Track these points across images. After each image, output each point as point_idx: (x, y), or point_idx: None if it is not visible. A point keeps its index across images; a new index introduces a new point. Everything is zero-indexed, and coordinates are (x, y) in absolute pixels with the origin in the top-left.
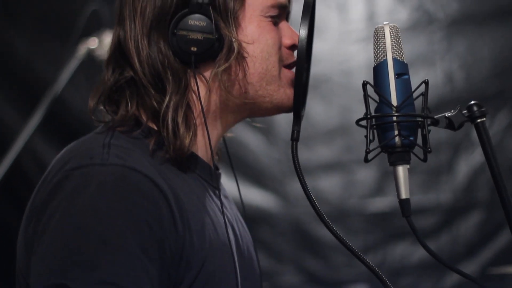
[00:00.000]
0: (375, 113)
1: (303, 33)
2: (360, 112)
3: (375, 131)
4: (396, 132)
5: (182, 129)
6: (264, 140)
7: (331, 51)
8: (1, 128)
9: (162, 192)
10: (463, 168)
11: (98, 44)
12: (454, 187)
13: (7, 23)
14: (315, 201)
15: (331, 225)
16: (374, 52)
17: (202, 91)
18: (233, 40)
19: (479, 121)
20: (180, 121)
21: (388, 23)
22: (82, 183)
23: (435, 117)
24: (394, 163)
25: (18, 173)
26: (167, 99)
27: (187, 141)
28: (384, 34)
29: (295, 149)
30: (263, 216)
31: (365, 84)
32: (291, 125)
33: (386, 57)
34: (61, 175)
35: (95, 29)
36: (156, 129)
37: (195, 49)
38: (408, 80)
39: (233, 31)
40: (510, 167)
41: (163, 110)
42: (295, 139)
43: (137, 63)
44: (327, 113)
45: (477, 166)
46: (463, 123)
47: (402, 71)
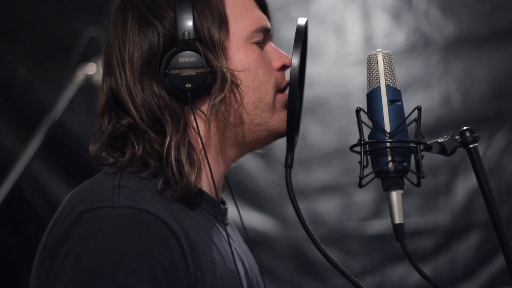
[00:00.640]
0: (368, 139)
1: (295, 61)
2: (357, 135)
3: (369, 157)
4: (389, 158)
5: (186, 167)
6: (262, 163)
7: (329, 74)
8: (1, 152)
9: (173, 232)
10: (461, 190)
11: (96, 69)
12: (452, 209)
13: (7, 48)
14: (309, 227)
15: (324, 249)
16: (367, 78)
17: (201, 125)
18: (225, 70)
19: (471, 146)
20: (183, 159)
21: (381, 50)
22: (94, 226)
23: (428, 142)
24: (387, 189)
25: (17, 197)
26: (167, 139)
27: (193, 178)
28: (377, 61)
29: (289, 175)
30: (262, 239)
31: (358, 110)
32: None
33: (379, 84)
34: (72, 218)
35: (93, 55)
36: (163, 168)
37: (190, 85)
38: (401, 106)
39: (223, 61)
40: (507, 188)
41: (165, 151)
42: (288, 166)
43: (133, 109)
44: (325, 136)
45: (474, 187)
46: (455, 148)
47: (395, 97)
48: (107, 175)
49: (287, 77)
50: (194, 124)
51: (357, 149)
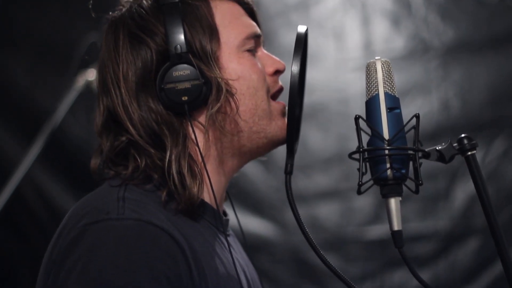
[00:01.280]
0: (367, 147)
1: (295, 69)
2: (357, 140)
3: (367, 164)
4: (388, 165)
5: (188, 180)
6: (262, 169)
7: (328, 80)
8: (2, 157)
9: (178, 244)
10: (460, 195)
11: (96, 75)
12: (451, 214)
13: (7, 53)
14: (308, 234)
15: (323, 255)
16: (366, 86)
17: (200, 137)
18: (219, 80)
19: (469, 153)
20: (185, 172)
21: (379, 58)
22: (100, 238)
23: (426, 150)
24: (386, 196)
25: (18, 202)
26: (168, 153)
27: (195, 190)
28: (376, 69)
29: (289, 182)
30: (262, 244)
31: (357, 118)
32: None
33: (378, 91)
34: (78, 230)
35: (94, 60)
36: (166, 181)
37: (186, 98)
38: (399, 114)
39: (217, 71)
40: (506, 194)
41: (166, 164)
42: (288, 172)
43: (130, 127)
44: (325, 141)
45: (474, 193)
46: (453, 155)
47: (393, 105)
48: (111, 188)
49: (281, 82)
50: (193, 136)
51: (356, 156)
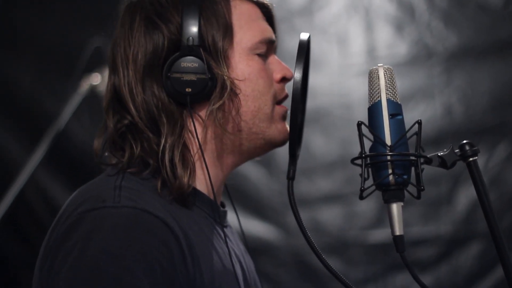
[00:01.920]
0: (369, 152)
1: (297, 76)
2: (359, 146)
3: (369, 169)
4: (390, 170)
5: (179, 169)
6: (264, 171)
7: (332, 85)
8: (6, 161)
9: (173, 233)
10: (462, 199)
11: (100, 80)
12: (453, 218)
13: (12, 57)
14: (310, 238)
15: (325, 258)
16: (369, 93)
17: (198, 130)
18: (225, 78)
19: (471, 159)
20: (177, 161)
21: (382, 65)
22: (95, 225)
23: (428, 156)
24: (388, 201)
25: (22, 205)
26: (163, 140)
27: (186, 179)
28: (378, 75)
29: (291, 187)
30: (264, 247)
31: (360, 124)
32: None
33: (380, 98)
34: (75, 217)
35: (98, 65)
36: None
37: (190, 90)
38: (402, 120)
39: (225, 69)
40: (509, 199)
41: (160, 151)
42: (291, 177)
43: (132, 108)
44: (328, 145)
45: (476, 198)
46: (455, 162)
47: (396, 111)
48: (109, 177)
49: (287, 90)
50: (191, 127)
51: (358, 162)
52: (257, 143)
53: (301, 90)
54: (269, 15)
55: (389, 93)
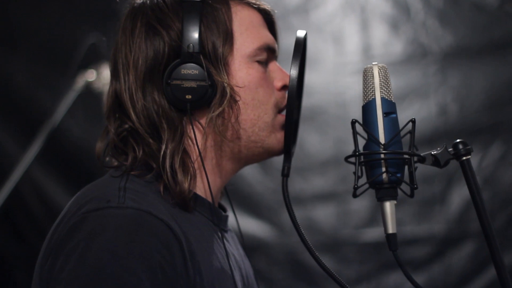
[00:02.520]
0: (363, 150)
1: (293, 73)
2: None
3: (363, 168)
4: (383, 169)
5: (180, 175)
6: (259, 170)
7: (327, 83)
8: (1, 157)
9: (175, 236)
10: (456, 199)
11: (96, 76)
12: (447, 217)
13: (7, 54)
14: (304, 236)
15: (318, 256)
16: (363, 91)
17: (198, 137)
18: (225, 85)
19: (464, 158)
20: (177, 167)
21: (377, 63)
22: (99, 226)
23: (422, 154)
24: (381, 199)
25: (16, 201)
26: (163, 147)
27: (186, 185)
28: (372, 74)
29: (286, 184)
30: (259, 245)
31: (354, 122)
32: None
33: (374, 96)
34: (78, 217)
35: (93, 61)
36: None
37: (190, 96)
38: (395, 119)
39: (225, 76)
40: (502, 199)
41: (161, 158)
42: (285, 174)
43: (133, 114)
44: (322, 144)
45: (469, 197)
46: (448, 160)
47: (390, 110)
48: (113, 178)
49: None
50: (191, 134)
51: (352, 159)
52: (255, 151)
53: (297, 87)
54: (270, 21)
55: (383, 92)
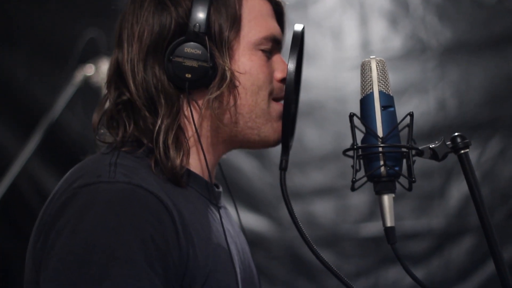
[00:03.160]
0: (361, 144)
1: (291, 66)
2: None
3: (361, 161)
4: (381, 162)
5: (172, 151)
6: (257, 164)
7: (326, 78)
8: None
9: (167, 208)
10: (455, 193)
11: (94, 71)
12: (446, 212)
13: (6, 48)
14: (302, 230)
15: (317, 250)
16: (361, 84)
17: (194, 116)
18: (226, 69)
19: (462, 152)
20: (170, 143)
21: (374, 57)
22: (90, 200)
23: (420, 148)
24: (379, 192)
25: (15, 196)
26: (159, 121)
27: (178, 161)
28: (370, 67)
29: (284, 178)
30: (257, 240)
31: (352, 116)
32: None
33: (372, 90)
34: (69, 193)
35: (92, 56)
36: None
37: (190, 75)
38: (393, 112)
39: (227, 60)
40: (501, 194)
41: (155, 132)
42: (283, 168)
43: (132, 85)
44: (321, 139)
45: (469, 192)
46: (446, 154)
47: (388, 103)
48: (104, 154)
49: None
50: (187, 113)
51: (350, 153)
52: (250, 138)
53: (295, 81)
54: (280, 12)
55: (381, 85)
